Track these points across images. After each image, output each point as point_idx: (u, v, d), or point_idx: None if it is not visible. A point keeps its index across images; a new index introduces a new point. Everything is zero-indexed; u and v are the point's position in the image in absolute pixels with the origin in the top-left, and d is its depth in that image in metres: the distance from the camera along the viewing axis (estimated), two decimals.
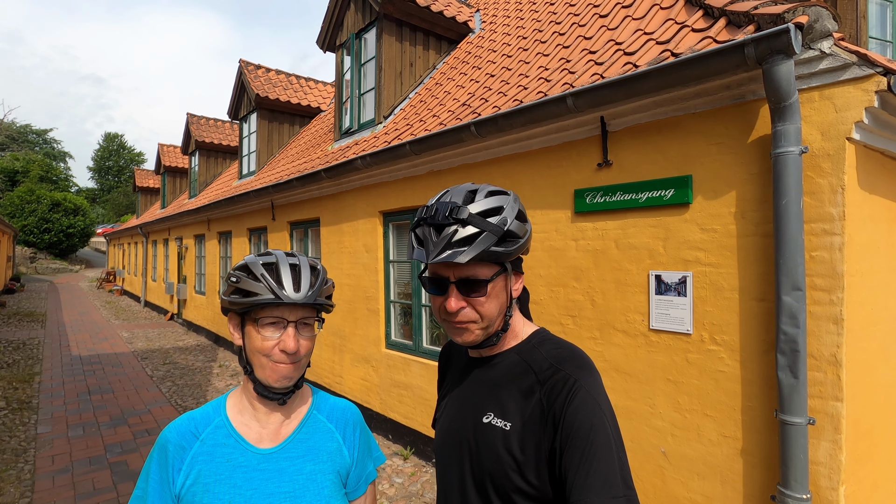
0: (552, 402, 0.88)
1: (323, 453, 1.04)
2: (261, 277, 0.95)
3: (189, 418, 1.01)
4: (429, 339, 4.55)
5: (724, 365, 2.41)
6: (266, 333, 0.97)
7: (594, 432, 0.84)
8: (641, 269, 2.75)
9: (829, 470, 2.09)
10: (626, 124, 2.83)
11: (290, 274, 0.97)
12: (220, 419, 1.01)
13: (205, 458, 0.96)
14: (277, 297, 0.94)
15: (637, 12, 3.42)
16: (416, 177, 4.44)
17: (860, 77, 1.99)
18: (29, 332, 10.50)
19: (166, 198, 15.26)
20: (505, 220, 0.90)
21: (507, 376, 0.97)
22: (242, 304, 0.96)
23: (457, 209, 0.88)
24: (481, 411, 0.97)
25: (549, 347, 0.97)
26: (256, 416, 1.02)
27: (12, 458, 4.29)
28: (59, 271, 29.13)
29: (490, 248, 0.88)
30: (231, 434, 0.99)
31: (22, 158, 37.06)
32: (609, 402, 0.90)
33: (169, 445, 0.96)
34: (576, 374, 0.89)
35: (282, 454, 1.00)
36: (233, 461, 0.96)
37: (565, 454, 0.84)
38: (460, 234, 0.87)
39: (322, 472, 1.03)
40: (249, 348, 0.99)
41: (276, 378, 0.97)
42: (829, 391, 2.09)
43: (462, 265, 0.90)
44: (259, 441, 1.00)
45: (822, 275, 2.10)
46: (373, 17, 5.75)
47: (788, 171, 2.08)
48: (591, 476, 0.81)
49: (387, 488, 3.85)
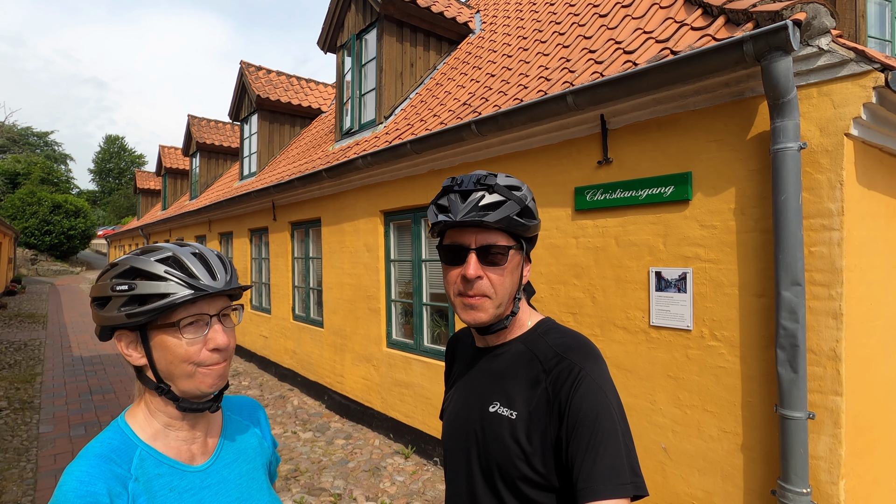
0: (558, 390, 0.88)
1: (250, 451, 1.02)
2: (165, 274, 0.82)
3: (99, 459, 0.81)
4: (430, 337, 4.56)
5: (725, 361, 2.42)
6: (189, 336, 0.84)
7: (600, 420, 0.84)
8: (642, 265, 2.77)
9: (829, 464, 2.10)
10: (625, 122, 2.84)
11: (198, 263, 0.86)
12: (139, 450, 0.85)
13: (146, 498, 0.82)
14: (198, 289, 0.82)
15: (636, 11, 3.44)
16: (417, 176, 4.46)
17: (858, 73, 2.01)
18: (30, 334, 10.51)
19: (167, 199, 15.28)
20: (525, 196, 0.95)
21: (512, 366, 0.98)
22: (150, 310, 0.81)
23: (485, 177, 0.93)
24: (488, 401, 0.98)
25: (554, 336, 0.97)
26: (179, 435, 0.90)
27: (14, 458, 4.30)
28: (60, 273, 29.15)
29: (514, 216, 0.92)
30: (162, 461, 0.87)
31: (23, 161, 37.10)
32: (615, 390, 0.90)
33: (100, 499, 0.76)
34: (581, 362, 0.90)
35: (218, 464, 0.94)
36: (176, 489, 0.86)
37: (571, 442, 0.84)
38: (487, 199, 0.92)
39: (257, 469, 1.01)
40: (167, 361, 0.85)
41: (211, 383, 0.87)
42: (829, 386, 2.10)
43: (484, 232, 0.93)
44: (192, 459, 0.91)
45: (822, 270, 2.12)
46: (373, 17, 5.78)
47: (787, 167, 2.10)
48: (597, 463, 0.81)
49: (388, 486, 3.85)
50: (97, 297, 0.85)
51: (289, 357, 6.94)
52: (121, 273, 0.84)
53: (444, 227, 0.95)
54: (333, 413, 5.70)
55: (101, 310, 0.84)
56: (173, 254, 0.86)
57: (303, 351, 6.54)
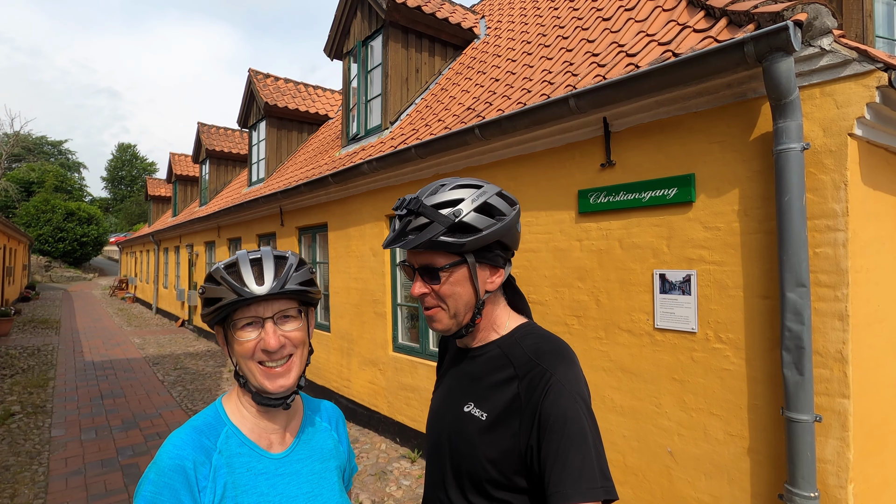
0: (529, 396, 0.89)
1: (325, 451, 1.07)
2: (221, 280, 0.91)
3: (193, 430, 0.92)
4: (435, 341, 4.56)
5: (730, 363, 2.40)
6: (243, 337, 0.92)
7: (569, 425, 0.85)
8: (646, 268, 2.76)
9: (836, 468, 2.07)
10: (628, 124, 2.84)
11: (250, 270, 0.92)
12: (227, 428, 0.95)
13: (226, 471, 0.90)
14: (239, 295, 0.89)
15: (639, 14, 3.45)
16: (422, 180, 4.48)
17: (861, 73, 2.00)
18: (43, 339, 10.67)
19: (177, 206, 15.47)
20: (459, 211, 0.92)
21: (487, 368, 1.00)
22: (212, 313, 0.92)
23: (413, 200, 0.93)
24: (462, 400, 1.01)
25: (529, 341, 0.98)
26: (260, 424, 0.99)
27: (27, 461, 4.36)
28: (72, 279, 29.57)
29: (438, 237, 0.91)
30: (244, 442, 0.95)
31: (37, 169, 37.78)
32: (586, 395, 0.91)
33: (186, 463, 0.87)
34: (552, 368, 0.91)
35: (293, 457, 1.00)
36: (252, 469, 0.93)
37: (542, 447, 0.85)
38: (413, 223, 0.93)
39: (329, 470, 1.05)
40: (236, 357, 0.95)
41: (270, 384, 0.93)
42: (836, 388, 2.07)
43: (420, 253, 0.96)
44: (270, 447, 0.98)
45: (827, 271, 2.10)
46: (379, 24, 5.84)
47: (791, 168, 2.09)
48: (567, 468, 0.82)
49: (394, 490, 3.85)
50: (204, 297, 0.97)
51: None
52: (206, 278, 0.96)
53: None
54: None
55: None
56: (236, 260, 0.95)
57: None
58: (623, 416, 2.86)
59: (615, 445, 2.87)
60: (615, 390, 2.90)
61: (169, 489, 0.84)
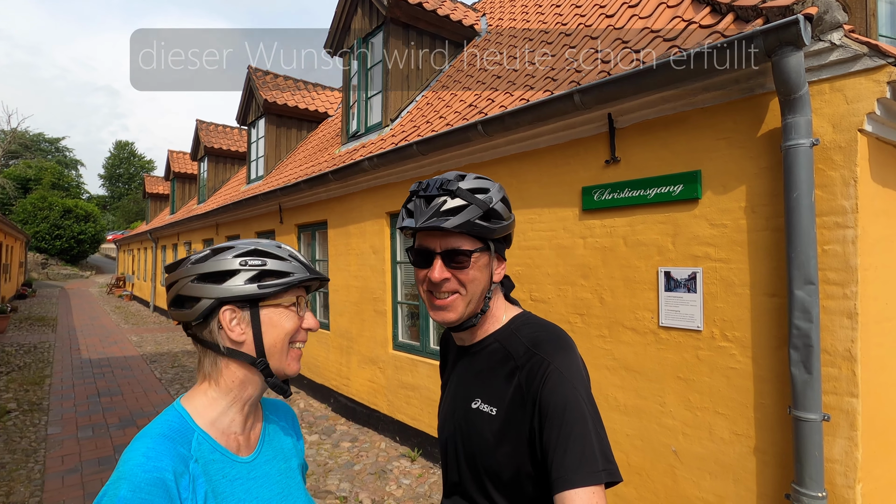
0: (529, 385, 0.91)
1: (287, 451, 1.06)
2: (289, 257, 0.94)
3: (163, 438, 0.84)
4: (436, 339, 4.53)
5: (736, 362, 2.38)
6: (299, 313, 0.95)
7: (569, 410, 0.86)
8: (650, 265, 2.73)
9: (844, 468, 2.05)
10: (633, 121, 2.82)
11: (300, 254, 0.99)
12: (197, 433, 0.89)
13: (204, 479, 0.85)
14: (313, 273, 0.95)
15: (643, 11, 3.42)
16: (423, 177, 4.45)
17: (871, 68, 1.97)
18: (40, 336, 10.60)
19: (175, 203, 15.41)
20: (491, 198, 0.96)
21: (489, 363, 1.01)
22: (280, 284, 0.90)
23: (447, 182, 0.95)
24: (470, 398, 1.02)
25: (526, 331, 1.00)
26: (234, 423, 0.94)
27: (23, 459, 4.32)
28: (69, 277, 29.45)
29: (475, 220, 0.93)
30: (216, 448, 0.90)
31: (34, 166, 37.63)
32: (585, 380, 0.92)
33: (166, 475, 0.78)
34: (549, 356, 0.92)
35: (260, 459, 0.98)
36: (228, 476, 0.90)
37: (543, 434, 0.87)
38: (448, 204, 0.94)
39: (293, 469, 1.05)
40: (273, 336, 0.92)
41: (296, 366, 0.96)
42: (844, 387, 2.05)
43: (447, 236, 0.96)
44: (238, 450, 0.94)
45: (835, 268, 2.07)
46: (380, 21, 5.80)
47: (799, 164, 2.06)
48: (568, 453, 0.83)
49: (394, 489, 3.82)
50: (215, 271, 0.89)
51: None
52: (247, 252, 0.91)
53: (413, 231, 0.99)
54: (339, 416, 5.69)
55: (221, 283, 0.89)
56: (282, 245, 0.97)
57: (309, 353, 6.53)
58: (627, 415, 2.83)
59: (619, 444, 2.84)
60: (619, 389, 2.87)
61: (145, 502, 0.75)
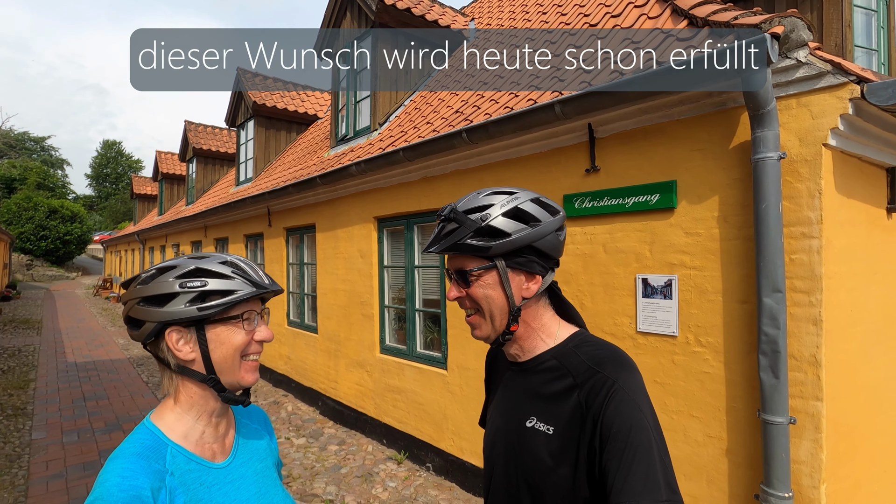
0: (591, 404, 0.88)
1: (262, 451, 1.11)
2: (232, 274, 0.94)
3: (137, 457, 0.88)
4: (422, 343, 4.58)
5: (709, 366, 2.45)
6: (247, 328, 0.96)
7: (634, 433, 0.83)
8: (629, 272, 2.80)
9: (810, 468, 2.13)
10: (613, 131, 2.89)
11: (249, 267, 0.98)
12: (170, 448, 0.93)
13: (181, 490, 0.90)
14: (259, 286, 0.95)
15: (626, 22, 3.50)
16: (410, 182, 4.49)
17: (835, 85, 2.06)
18: (24, 340, 10.48)
19: (164, 205, 15.29)
20: (487, 215, 0.94)
21: (543, 380, 0.99)
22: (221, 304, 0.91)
23: (450, 208, 0.97)
24: (524, 416, 0.99)
25: (586, 349, 0.97)
26: (206, 433, 0.98)
27: (6, 464, 4.29)
28: (55, 278, 29.05)
29: (463, 240, 0.94)
30: (191, 458, 0.94)
31: (19, 166, 37.04)
32: (650, 403, 0.89)
33: (143, 493, 0.82)
34: (614, 375, 0.89)
35: (236, 462, 1.03)
36: (205, 483, 0.95)
37: (604, 456, 0.84)
38: (446, 228, 0.97)
39: (269, 468, 1.10)
40: (221, 353, 0.94)
41: (250, 377, 0.97)
42: (810, 391, 2.13)
43: (454, 257, 1.00)
44: (214, 457, 0.99)
45: (802, 277, 2.16)
46: (368, 25, 5.83)
47: (768, 176, 2.14)
48: (630, 478, 0.80)
49: (380, 492, 3.86)
50: (156, 294, 0.90)
51: (283, 363, 6.94)
52: (188, 273, 0.92)
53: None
54: (327, 419, 5.71)
55: (162, 306, 0.90)
56: (230, 259, 0.97)
57: (297, 357, 6.55)
58: None
59: None
60: None
61: None
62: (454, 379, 4.02)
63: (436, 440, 4.20)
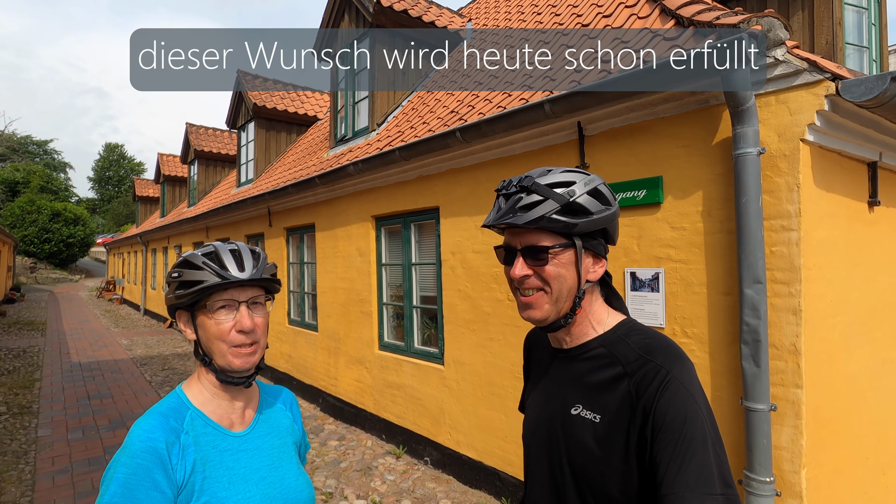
0: (642, 393, 0.86)
1: (282, 429, 1.18)
2: (203, 265, 1.00)
3: (160, 415, 1.00)
4: (420, 339, 4.65)
5: (695, 357, 2.52)
6: (220, 317, 1.00)
7: (688, 425, 0.80)
8: (618, 266, 2.87)
9: (791, 454, 2.19)
10: (601, 128, 2.96)
11: (231, 257, 1.02)
12: (191, 411, 1.03)
13: (194, 449, 0.98)
14: (224, 277, 0.99)
15: (616, 22, 3.57)
16: (406, 182, 4.57)
17: (811, 82, 2.13)
18: (29, 341, 10.59)
19: (166, 207, 15.40)
20: (573, 192, 0.91)
21: (593, 368, 0.96)
22: (189, 294, 0.98)
23: (525, 178, 0.94)
24: (569, 403, 0.97)
25: (636, 338, 0.94)
26: (222, 405, 1.07)
27: (13, 460, 4.39)
28: (59, 281, 29.24)
29: (550, 215, 0.90)
30: (208, 423, 1.03)
31: (22, 169, 37.27)
32: (703, 394, 0.86)
33: (158, 444, 0.94)
34: (667, 364, 0.86)
35: (253, 434, 1.10)
36: (218, 447, 1.02)
37: (656, 447, 0.81)
38: (524, 200, 0.91)
39: (287, 445, 1.17)
40: (206, 338, 1.02)
41: (239, 363, 1.01)
42: (790, 379, 2.20)
43: (526, 232, 0.93)
44: (232, 426, 1.07)
45: (782, 268, 2.22)
46: (366, 27, 5.92)
47: (748, 171, 2.21)
48: (683, 471, 0.77)
49: (379, 485, 3.94)
50: (166, 282, 1.05)
51: (284, 361, 7.02)
52: (177, 264, 1.03)
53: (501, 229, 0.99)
54: (328, 415, 5.79)
55: (165, 292, 1.05)
56: (215, 249, 1.04)
57: (298, 355, 6.63)
58: None
59: None
60: None
61: (142, 469, 0.91)
62: (451, 374, 4.09)
63: (433, 434, 4.27)
